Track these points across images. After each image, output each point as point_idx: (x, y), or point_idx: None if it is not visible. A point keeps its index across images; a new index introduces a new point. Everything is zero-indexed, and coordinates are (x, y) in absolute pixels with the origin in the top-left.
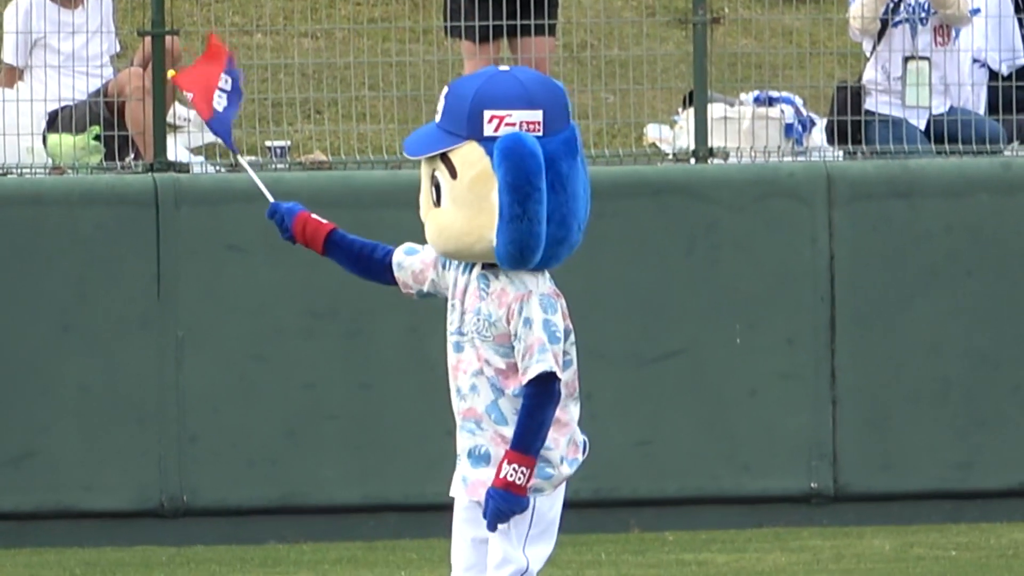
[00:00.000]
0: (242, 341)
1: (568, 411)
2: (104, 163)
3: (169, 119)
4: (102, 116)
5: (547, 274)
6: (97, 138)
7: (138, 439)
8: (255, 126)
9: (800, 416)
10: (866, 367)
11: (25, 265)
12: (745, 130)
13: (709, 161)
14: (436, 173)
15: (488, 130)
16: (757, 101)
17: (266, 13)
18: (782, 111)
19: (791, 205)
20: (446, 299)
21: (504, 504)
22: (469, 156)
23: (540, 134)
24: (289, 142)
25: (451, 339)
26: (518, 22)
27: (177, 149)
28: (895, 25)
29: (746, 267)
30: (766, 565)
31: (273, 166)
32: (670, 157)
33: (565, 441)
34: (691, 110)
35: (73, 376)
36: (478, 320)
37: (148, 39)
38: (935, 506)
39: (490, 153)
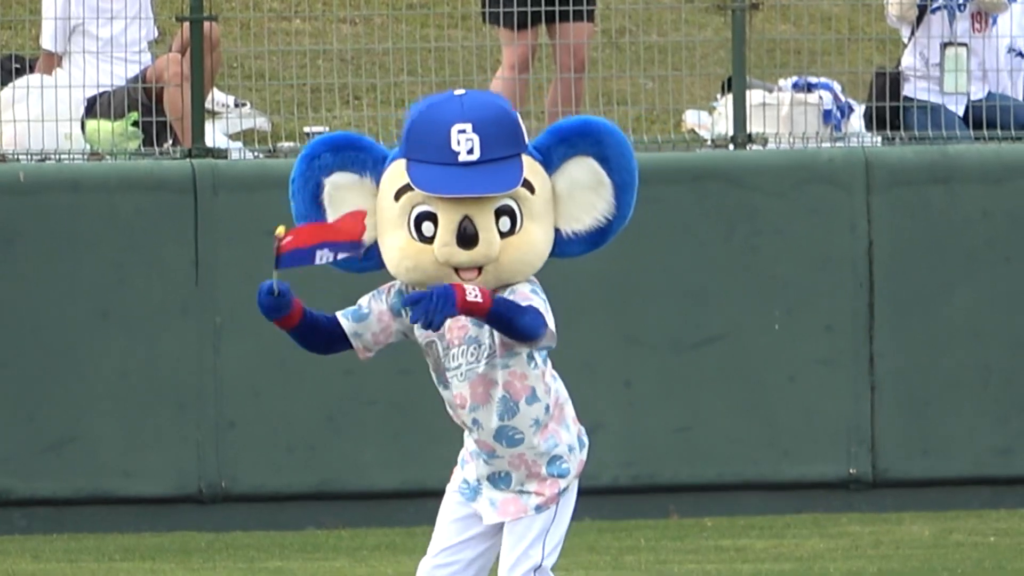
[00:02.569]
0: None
1: (564, 410)
2: (142, 149)
3: (207, 105)
4: (140, 102)
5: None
6: (135, 124)
7: (177, 425)
8: (293, 112)
9: (839, 402)
10: (905, 353)
11: (64, 251)
12: (784, 116)
13: (748, 147)
14: (508, 201)
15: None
16: (796, 87)
17: None
18: (820, 97)
19: (830, 191)
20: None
21: (441, 297)
22: (533, 167)
23: None
24: (327, 128)
25: (437, 379)
26: (556, 8)
27: (215, 135)
28: (933, 11)
29: (785, 253)
30: (805, 551)
31: None
32: (709, 143)
33: (563, 429)
34: (730, 96)
35: (112, 362)
36: (467, 349)
37: (187, 24)
38: (974, 492)
39: (539, 158)
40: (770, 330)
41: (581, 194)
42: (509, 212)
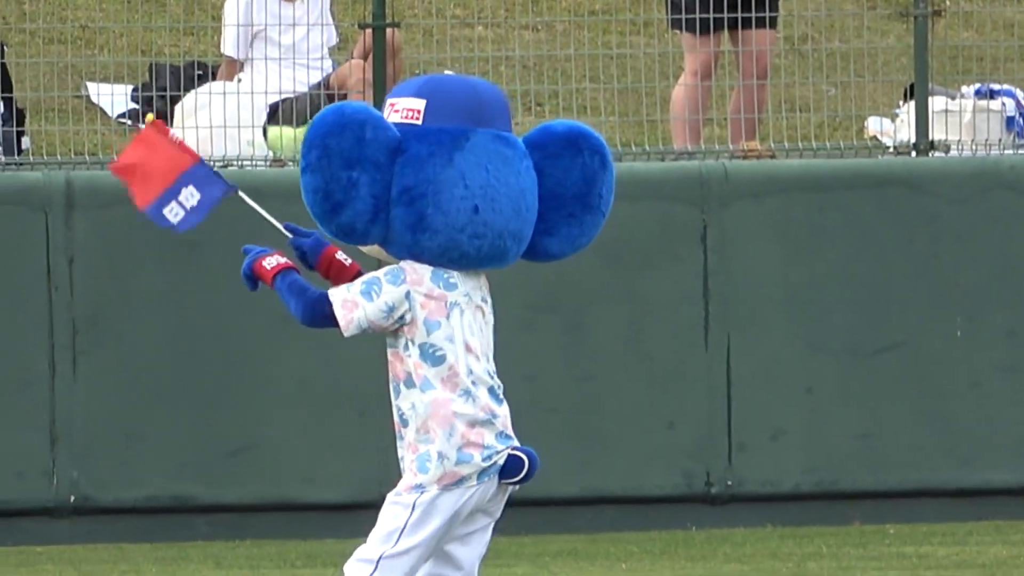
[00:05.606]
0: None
1: (451, 406)
2: None
3: None
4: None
5: (441, 271)
6: None
7: (358, 431)
8: None
9: (1021, 409)
10: None
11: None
12: (966, 123)
13: (930, 154)
14: None
15: (386, 115)
16: (978, 94)
17: (487, 5)
18: (1003, 104)
19: (1012, 198)
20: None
21: (254, 253)
22: None
23: (417, 122)
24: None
25: None
26: (739, 15)
27: None
28: None
29: (967, 259)
30: (987, 558)
31: None
32: (891, 150)
33: (444, 434)
34: (912, 103)
35: (293, 369)
36: None
37: (369, 31)
38: None
39: None
40: (952, 337)
41: None
42: None
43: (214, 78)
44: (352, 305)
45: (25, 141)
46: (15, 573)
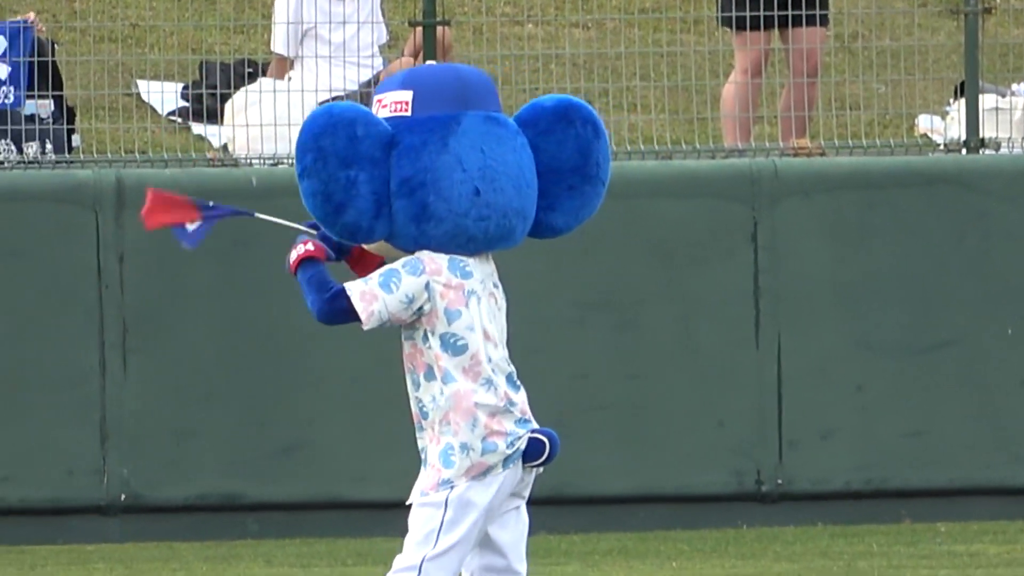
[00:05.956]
0: (514, 331)
1: (473, 397)
2: None
3: None
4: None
5: (457, 259)
6: None
7: (409, 429)
8: None
9: None
10: None
11: None
12: (1017, 120)
13: (980, 151)
14: None
15: (375, 112)
16: None
17: (537, 3)
18: None
19: None
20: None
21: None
22: None
23: (407, 114)
24: None
25: None
26: (789, 12)
27: None
28: None
29: (1018, 257)
30: None
31: None
32: (941, 147)
33: (468, 426)
34: (962, 100)
35: (344, 366)
36: None
37: (419, 29)
38: None
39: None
40: (1002, 334)
41: None
42: None
43: (264, 76)
44: (372, 297)
45: (75, 139)
46: (66, 571)
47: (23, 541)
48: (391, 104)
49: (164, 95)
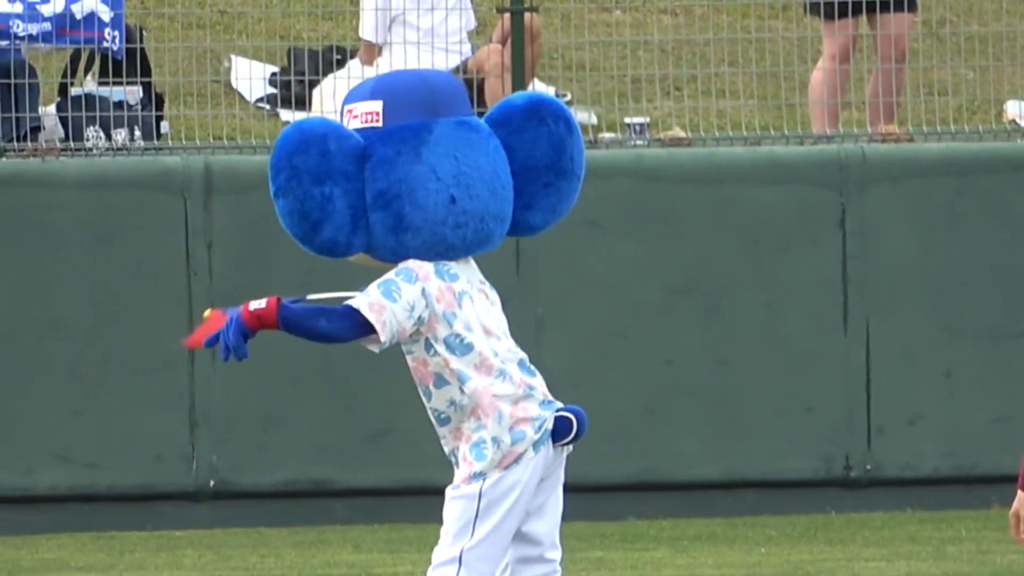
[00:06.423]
0: (601, 317)
1: (491, 390)
2: None
3: None
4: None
5: (440, 264)
6: None
7: None
8: (614, 103)
9: None
10: None
11: None
12: None
13: None
14: None
15: (346, 123)
16: None
17: None
18: None
19: None
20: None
21: (230, 322)
22: None
23: (378, 124)
24: (648, 119)
25: None
26: None
27: None
28: None
29: None
30: None
31: (632, 143)
32: None
33: (495, 419)
34: None
35: None
36: None
37: (507, 15)
38: None
39: None
40: None
41: None
42: None
43: (352, 62)
44: (380, 307)
45: (164, 126)
46: (155, 557)
47: (113, 527)
48: (362, 115)
49: (252, 81)
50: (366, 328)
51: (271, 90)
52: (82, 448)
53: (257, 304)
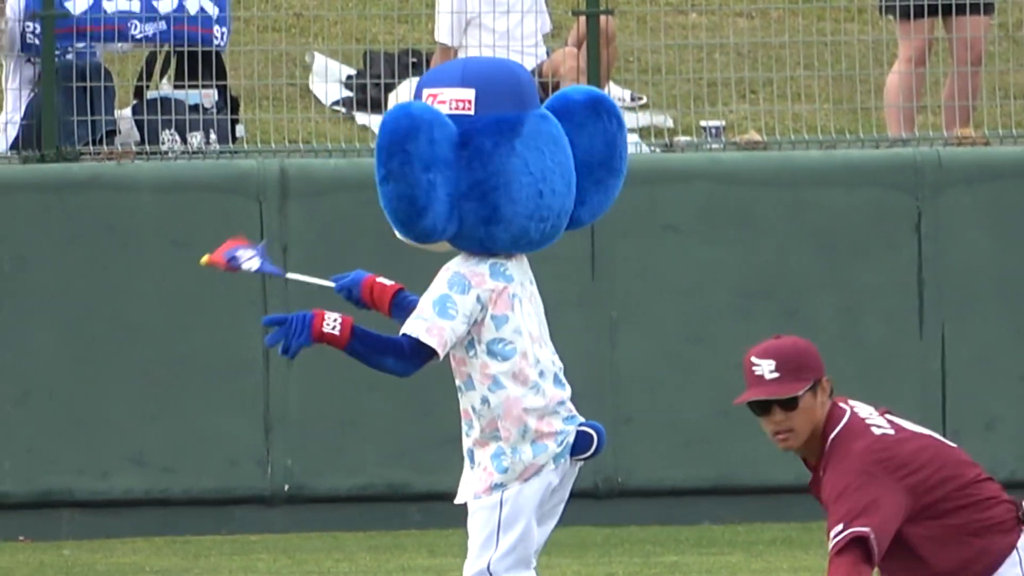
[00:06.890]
0: (676, 321)
1: (522, 403)
2: None
3: None
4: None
5: (497, 263)
6: None
7: None
8: (690, 106)
9: None
10: None
11: None
12: None
13: None
14: None
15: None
16: None
17: None
18: None
19: None
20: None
21: (300, 323)
22: None
23: (470, 112)
24: (724, 122)
25: None
26: (953, 1)
27: None
28: None
29: None
30: None
31: (708, 146)
32: None
33: (519, 432)
34: None
35: None
36: None
37: (582, 18)
38: None
39: None
40: None
41: None
42: None
43: (428, 65)
44: (439, 330)
45: (239, 129)
46: (230, 561)
47: (188, 531)
48: (451, 101)
49: (328, 85)
50: (428, 354)
51: (347, 93)
52: (158, 452)
53: (331, 327)
